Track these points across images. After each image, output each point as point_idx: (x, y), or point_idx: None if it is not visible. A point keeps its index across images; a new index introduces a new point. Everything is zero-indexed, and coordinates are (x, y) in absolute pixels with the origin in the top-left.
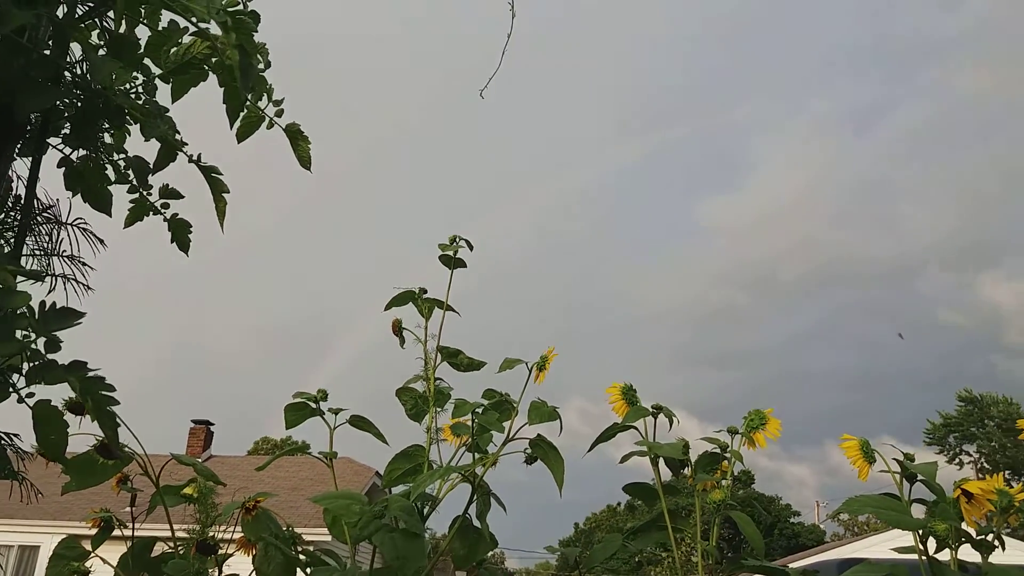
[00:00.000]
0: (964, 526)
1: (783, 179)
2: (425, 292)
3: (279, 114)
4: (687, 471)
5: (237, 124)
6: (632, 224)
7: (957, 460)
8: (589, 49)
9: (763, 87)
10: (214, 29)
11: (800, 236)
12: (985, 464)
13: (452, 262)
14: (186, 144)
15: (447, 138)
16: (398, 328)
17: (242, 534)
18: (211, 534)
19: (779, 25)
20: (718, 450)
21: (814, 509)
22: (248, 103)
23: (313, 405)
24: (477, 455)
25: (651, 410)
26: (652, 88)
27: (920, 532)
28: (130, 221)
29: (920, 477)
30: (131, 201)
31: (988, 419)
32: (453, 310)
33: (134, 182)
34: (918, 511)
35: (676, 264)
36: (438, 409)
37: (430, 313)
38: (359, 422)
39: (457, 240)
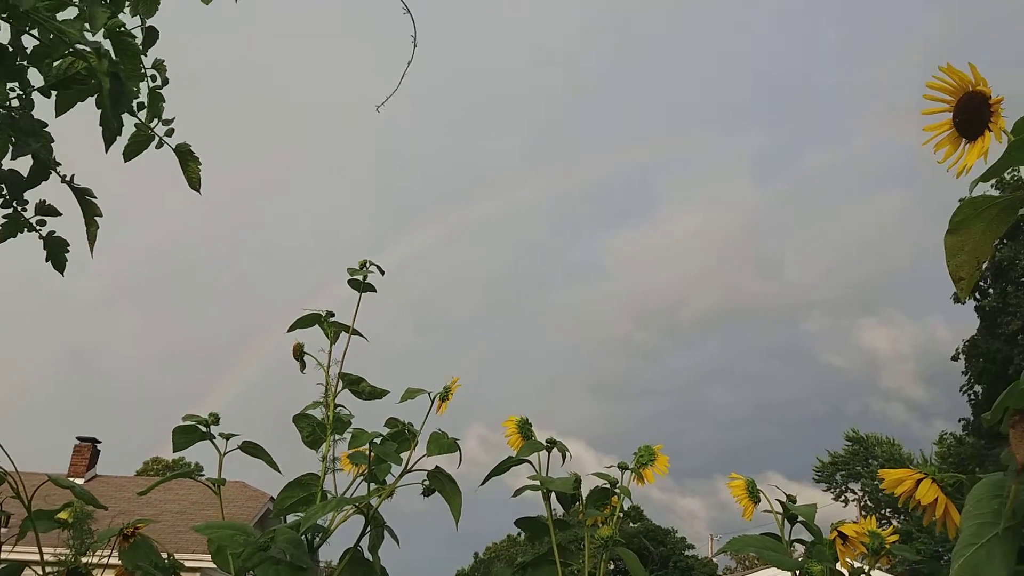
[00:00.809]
0: (839, 567)
1: (685, 218)
2: (332, 315)
3: (169, 134)
4: (578, 506)
5: (123, 146)
6: (536, 256)
7: (843, 497)
8: (505, 73)
9: (671, 127)
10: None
11: (698, 275)
12: (868, 502)
13: (361, 286)
14: (59, 164)
15: (356, 161)
16: (299, 352)
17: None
18: (85, 561)
19: (690, 67)
20: (608, 485)
21: (707, 542)
22: (138, 122)
23: (203, 429)
24: (374, 486)
25: (545, 444)
26: (561, 119)
27: (798, 572)
28: (2, 238)
29: (800, 518)
30: (3, 216)
31: (872, 458)
32: (360, 335)
33: (6, 196)
34: (799, 551)
35: (580, 297)
36: (336, 437)
37: (336, 338)
38: (251, 448)
39: (368, 265)
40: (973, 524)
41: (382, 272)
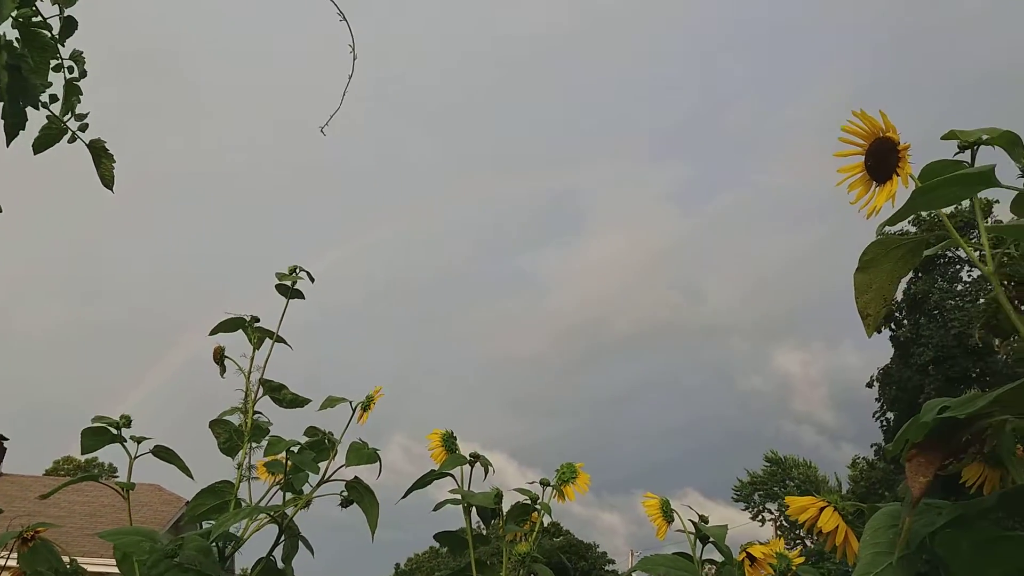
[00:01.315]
0: None
1: (611, 240)
2: (257, 320)
3: (83, 128)
4: (499, 520)
5: (35, 140)
6: (464, 270)
7: (760, 517)
8: (442, 93)
9: (604, 152)
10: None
11: (623, 296)
12: (784, 522)
13: (289, 292)
14: None
15: (283, 168)
16: (220, 355)
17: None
18: None
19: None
20: (529, 501)
21: (628, 557)
22: (50, 114)
23: (114, 431)
24: (290, 495)
25: (468, 458)
26: (496, 137)
27: None
28: None
29: (711, 539)
30: None
31: (789, 480)
32: (284, 342)
33: None
34: (710, 570)
35: (506, 312)
36: (254, 444)
37: (259, 343)
38: (163, 453)
39: (297, 271)
40: (869, 553)
41: (312, 279)
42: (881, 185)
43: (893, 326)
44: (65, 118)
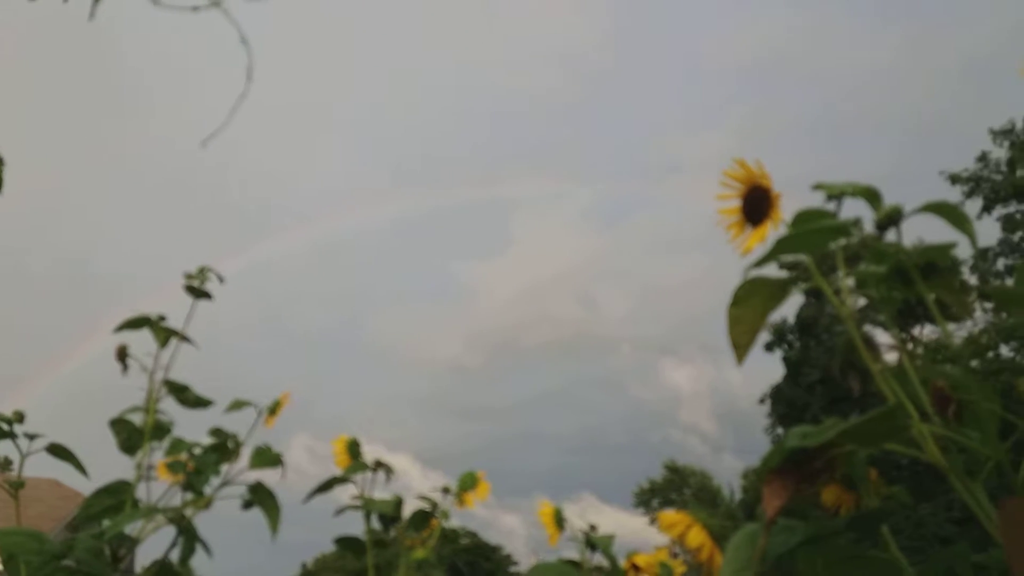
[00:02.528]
0: None
1: (536, 256)
2: (164, 319)
3: None
4: (399, 526)
5: None
6: (383, 277)
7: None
8: (372, 106)
9: (531, 168)
10: None
11: (542, 309)
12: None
13: (197, 293)
14: None
15: (206, 167)
16: (123, 353)
17: None
18: None
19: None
20: (429, 508)
21: (530, 559)
22: None
23: (5, 427)
24: (190, 496)
25: (371, 465)
26: (427, 149)
27: None
28: None
29: (599, 547)
30: None
31: (686, 488)
32: (189, 341)
33: None
34: None
35: (429, 320)
36: (155, 444)
37: (165, 342)
38: (59, 451)
39: (206, 271)
40: (729, 570)
41: (221, 280)
42: (754, 228)
43: (787, 347)
44: None
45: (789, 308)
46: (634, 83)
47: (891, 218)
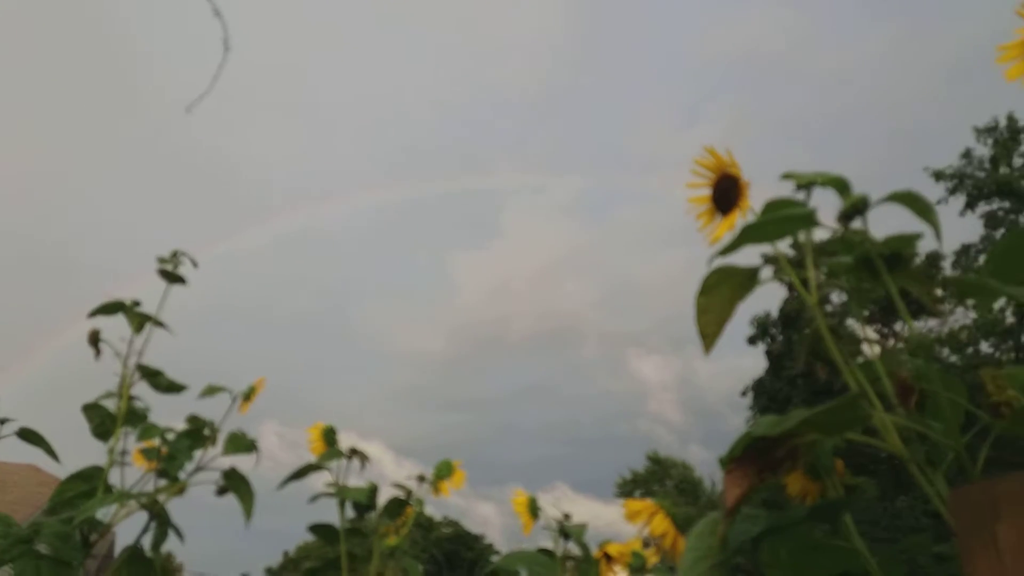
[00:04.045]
0: None
1: (520, 249)
2: (138, 304)
3: None
4: (374, 514)
5: None
6: (368, 267)
7: None
8: (357, 91)
9: (517, 161)
10: None
11: (525, 302)
12: None
13: (171, 277)
14: None
15: (191, 154)
16: (95, 338)
17: None
18: None
19: (545, 106)
20: (404, 497)
21: (511, 549)
22: None
23: None
24: (164, 482)
25: (346, 453)
26: (414, 141)
27: None
28: None
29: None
30: None
31: (668, 479)
32: (163, 326)
33: None
34: (572, 566)
35: (413, 311)
36: (129, 430)
37: (139, 328)
38: (29, 436)
39: (179, 255)
40: (691, 557)
41: (195, 264)
42: (724, 216)
43: (770, 340)
44: None
45: (772, 302)
46: (620, 78)
47: (856, 207)
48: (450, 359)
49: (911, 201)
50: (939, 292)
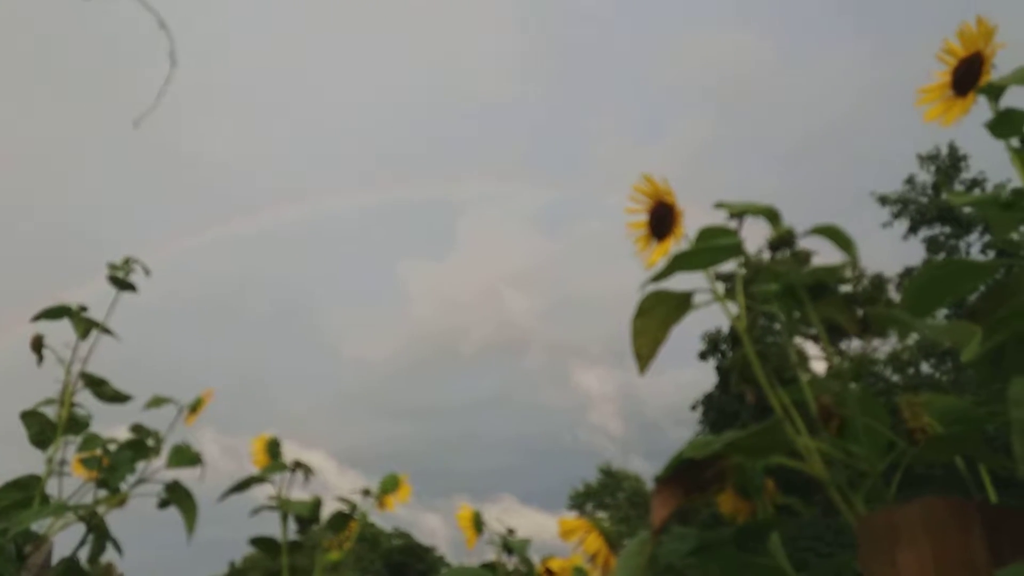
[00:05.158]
0: None
1: (479, 259)
2: (85, 309)
3: None
4: (317, 528)
5: None
6: (337, 271)
7: None
8: (317, 94)
9: (482, 171)
10: None
11: (481, 313)
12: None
13: (121, 284)
14: None
15: (152, 152)
16: (38, 343)
17: None
18: None
19: (510, 117)
20: (348, 511)
21: (459, 562)
22: None
23: None
24: (104, 493)
25: (289, 465)
26: (378, 148)
27: None
28: None
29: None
30: None
31: (620, 491)
32: (110, 332)
33: None
34: None
35: (370, 317)
36: (70, 439)
37: (85, 334)
38: None
39: (130, 262)
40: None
41: (147, 272)
42: (659, 242)
43: (720, 356)
44: None
45: (724, 319)
46: (587, 93)
47: (782, 239)
48: (401, 368)
49: (833, 234)
50: (861, 320)
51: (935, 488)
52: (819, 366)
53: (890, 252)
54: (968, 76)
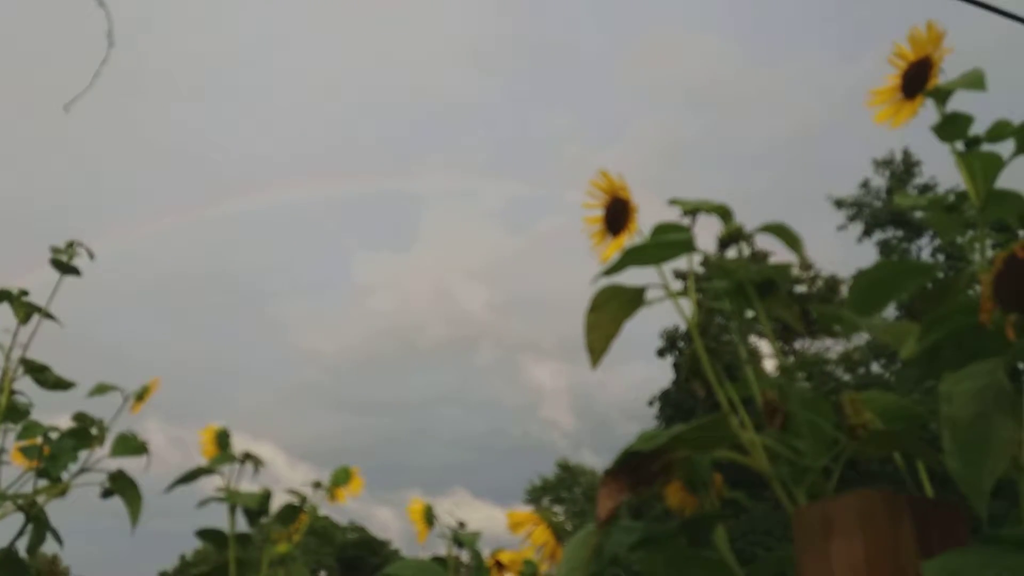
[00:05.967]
0: None
1: (439, 253)
2: (26, 294)
3: None
4: (266, 520)
5: None
6: (283, 262)
7: None
8: (289, 94)
9: (446, 165)
10: None
11: (441, 307)
12: (567, 527)
13: (64, 268)
14: None
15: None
16: None
17: None
18: None
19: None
20: (297, 503)
21: (413, 555)
22: None
23: None
24: (44, 482)
25: (238, 457)
26: (339, 140)
27: None
28: None
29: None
30: None
31: (576, 486)
32: (52, 318)
33: None
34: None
35: (327, 310)
36: (9, 427)
37: (26, 319)
38: None
39: (74, 246)
40: (566, 568)
41: (91, 256)
42: (614, 237)
43: (678, 353)
44: None
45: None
46: (553, 89)
47: (732, 236)
48: (355, 361)
49: (781, 232)
50: (808, 317)
51: (878, 484)
52: (771, 364)
53: (845, 255)
54: (917, 80)
